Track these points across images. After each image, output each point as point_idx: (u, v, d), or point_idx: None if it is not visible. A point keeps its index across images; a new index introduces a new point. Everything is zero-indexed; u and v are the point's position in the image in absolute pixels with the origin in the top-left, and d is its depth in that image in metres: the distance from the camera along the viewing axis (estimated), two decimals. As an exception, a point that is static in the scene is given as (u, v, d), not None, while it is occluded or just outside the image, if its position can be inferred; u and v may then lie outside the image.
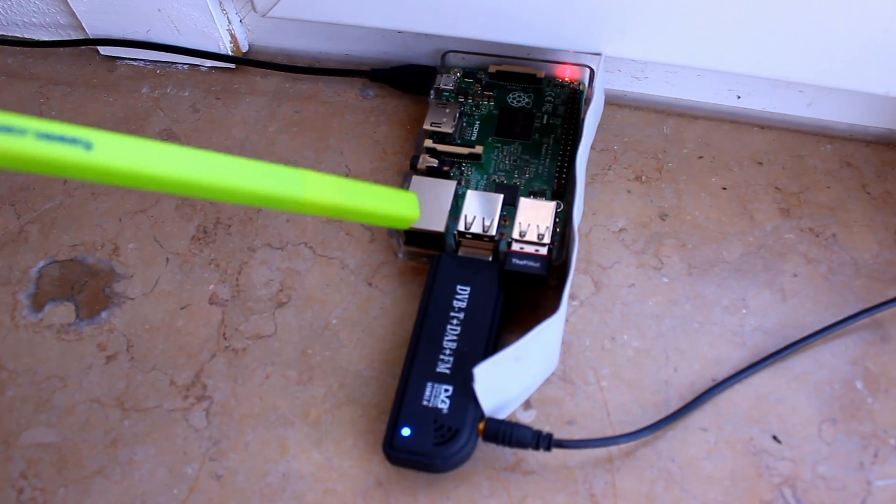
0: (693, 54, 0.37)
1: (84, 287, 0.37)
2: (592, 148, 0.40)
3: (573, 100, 0.40)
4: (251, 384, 0.34)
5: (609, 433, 0.32)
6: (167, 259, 0.38)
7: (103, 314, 0.36)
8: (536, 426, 0.32)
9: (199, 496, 0.31)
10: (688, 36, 0.36)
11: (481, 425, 0.30)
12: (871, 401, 0.32)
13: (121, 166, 0.21)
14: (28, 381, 0.35)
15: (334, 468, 0.32)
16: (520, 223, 0.34)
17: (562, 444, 0.30)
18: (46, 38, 0.46)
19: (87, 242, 0.39)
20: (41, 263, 0.38)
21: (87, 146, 0.21)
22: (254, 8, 0.39)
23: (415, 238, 0.35)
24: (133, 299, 0.37)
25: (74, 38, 0.45)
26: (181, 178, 0.23)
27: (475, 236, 0.34)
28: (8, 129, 0.19)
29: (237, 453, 0.32)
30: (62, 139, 0.20)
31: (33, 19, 0.45)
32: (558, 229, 0.35)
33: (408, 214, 0.32)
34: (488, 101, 0.40)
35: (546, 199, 0.37)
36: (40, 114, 0.44)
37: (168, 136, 0.42)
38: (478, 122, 0.39)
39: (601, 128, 0.41)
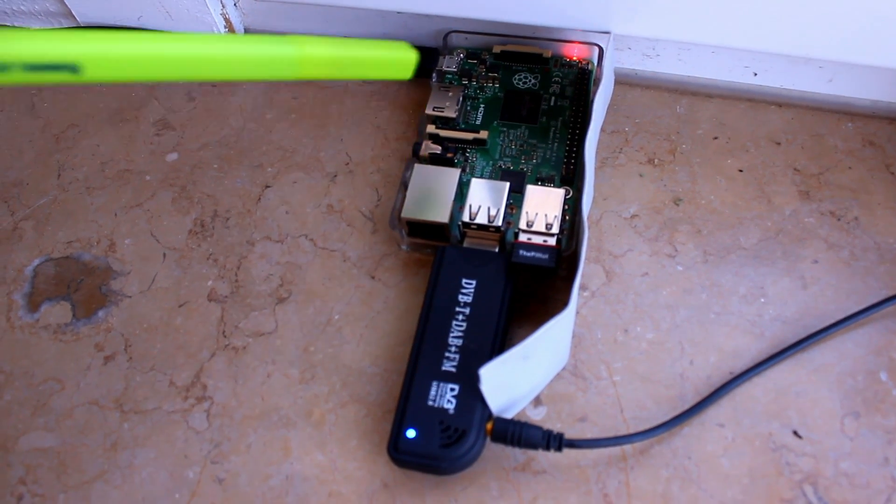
0: (707, 31, 0.35)
1: (80, 285, 0.36)
2: (602, 130, 0.38)
3: (581, 80, 0.38)
4: (252, 384, 0.33)
5: (622, 430, 0.31)
6: (164, 255, 0.37)
7: (100, 313, 0.35)
8: (547, 424, 0.31)
9: (201, 500, 0.31)
10: (701, 12, 0.34)
11: (489, 425, 0.29)
12: (895, 393, 0.31)
13: (113, 77, 0.22)
14: (25, 384, 0.34)
15: (339, 470, 0.31)
16: (527, 212, 0.33)
17: (573, 444, 0.29)
18: (37, 27, 0.45)
19: (83, 239, 0.38)
20: (36, 262, 0.37)
21: (74, 70, 0.21)
22: (247, -9, 0.38)
23: (418, 229, 0.34)
24: (130, 297, 0.36)
25: (65, 26, 0.44)
26: (176, 60, 0.23)
27: (480, 227, 0.33)
28: None
29: (239, 456, 0.31)
30: (49, 68, 0.20)
31: (21, 7, 0.43)
32: (567, 217, 0.34)
33: (404, 56, 0.32)
34: (493, 83, 0.38)
35: (554, 185, 0.35)
36: (32, 106, 0.42)
37: (163, 125, 0.41)
38: (482, 106, 0.38)
39: (611, 109, 0.39)
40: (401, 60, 0.32)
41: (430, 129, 0.37)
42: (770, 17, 0.33)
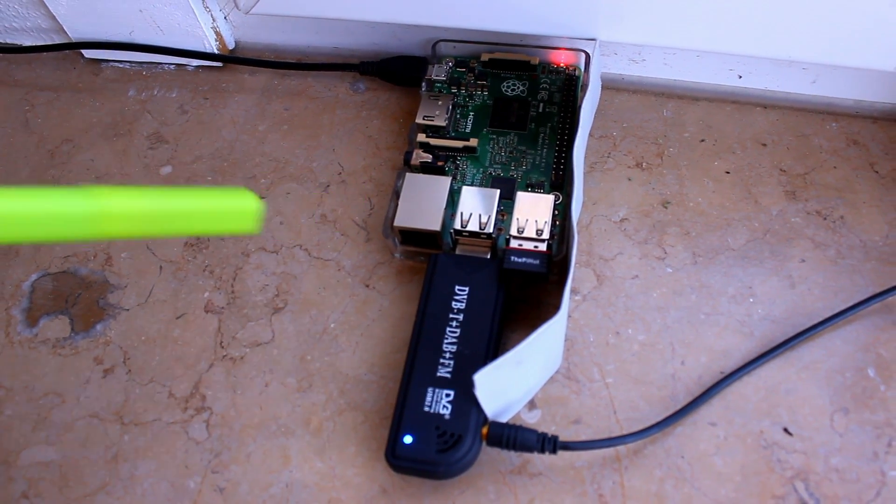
0: (691, 36, 0.36)
1: (78, 299, 0.37)
2: (591, 135, 0.39)
3: (569, 86, 0.39)
4: (251, 393, 0.33)
5: (616, 431, 0.31)
6: (161, 267, 0.37)
7: (98, 327, 0.36)
8: (542, 427, 0.31)
9: (203, 510, 0.31)
10: (685, 17, 0.35)
11: (485, 430, 0.30)
12: (883, 388, 0.31)
13: None
14: (25, 399, 0.34)
15: (338, 477, 0.31)
16: (518, 219, 0.33)
17: (568, 447, 0.29)
18: (29, 44, 0.45)
19: (79, 253, 0.38)
20: (33, 277, 0.37)
21: None
22: (236, 5, 0.38)
23: (411, 237, 0.35)
24: (128, 310, 0.36)
25: (57, 42, 0.44)
26: None
27: (472, 234, 0.34)
28: None
29: (239, 465, 0.32)
30: None
31: (14, 24, 0.44)
32: (557, 222, 0.34)
33: (244, 205, 0.24)
34: (482, 91, 0.39)
35: (544, 190, 0.36)
36: (26, 122, 0.43)
37: (157, 139, 0.41)
38: (472, 114, 0.38)
39: (599, 113, 0.39)
40: (236, 212, 0.24)
41: (421, 137, 0.37)
42: (753, 21, 0.34)
